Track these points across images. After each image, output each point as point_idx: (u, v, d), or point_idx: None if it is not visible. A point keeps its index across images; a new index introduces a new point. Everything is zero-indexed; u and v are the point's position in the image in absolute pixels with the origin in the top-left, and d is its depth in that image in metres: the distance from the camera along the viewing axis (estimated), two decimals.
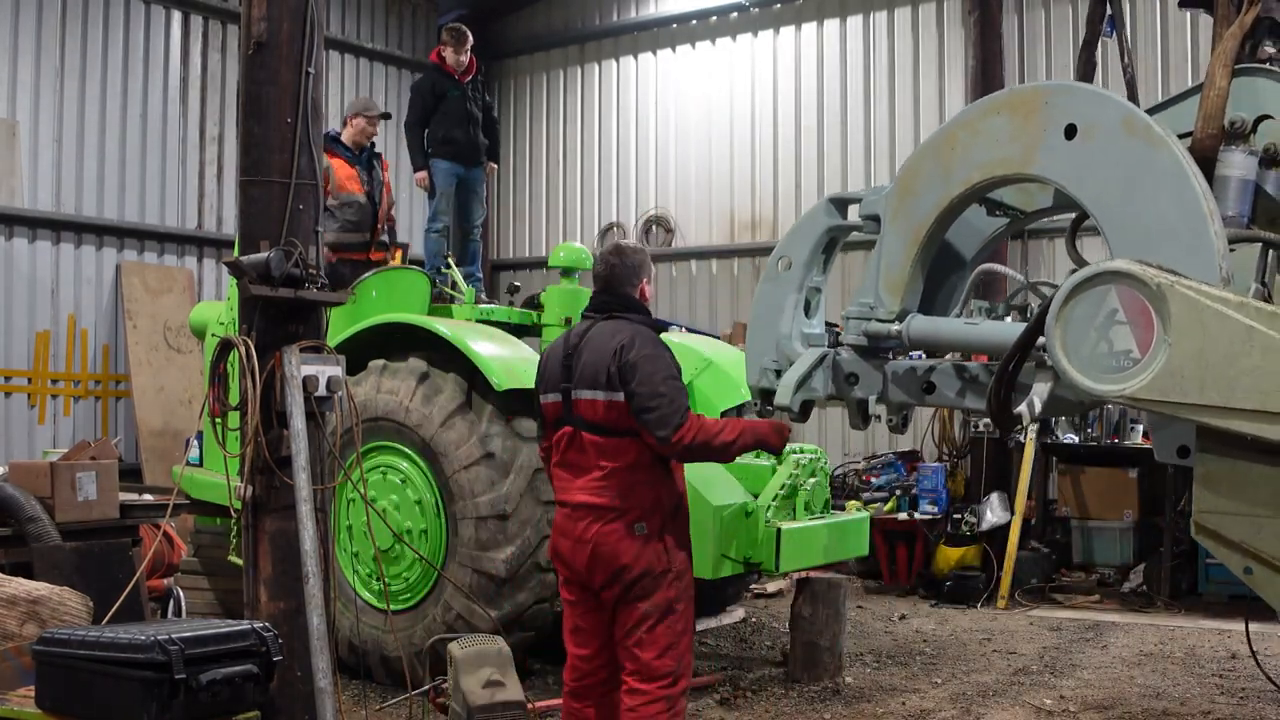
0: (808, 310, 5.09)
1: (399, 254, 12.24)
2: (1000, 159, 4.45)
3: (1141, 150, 4.09)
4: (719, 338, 9.83)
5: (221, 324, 7.48)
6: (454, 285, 8.23)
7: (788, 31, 13.40)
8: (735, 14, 13.76)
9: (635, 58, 14.52)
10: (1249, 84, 4.35)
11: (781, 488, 6.48)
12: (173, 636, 3.87)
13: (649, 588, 4.37)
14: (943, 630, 8.66)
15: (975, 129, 4.52)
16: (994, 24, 11.87)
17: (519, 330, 7.85)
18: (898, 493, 10.79)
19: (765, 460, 6.81)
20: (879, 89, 12.77)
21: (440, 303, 7.91)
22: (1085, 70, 5.11)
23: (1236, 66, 4.31)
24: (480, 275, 9.38)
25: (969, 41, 11.96)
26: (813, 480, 6.69)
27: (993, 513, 10.06)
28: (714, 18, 13.93)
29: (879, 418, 4.93)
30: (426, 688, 5.56)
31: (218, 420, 4.83)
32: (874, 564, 10.45)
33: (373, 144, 8.48)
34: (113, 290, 12.00)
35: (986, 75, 11.68)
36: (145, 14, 12.32)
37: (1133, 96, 5.05)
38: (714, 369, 7.41)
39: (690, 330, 9.68)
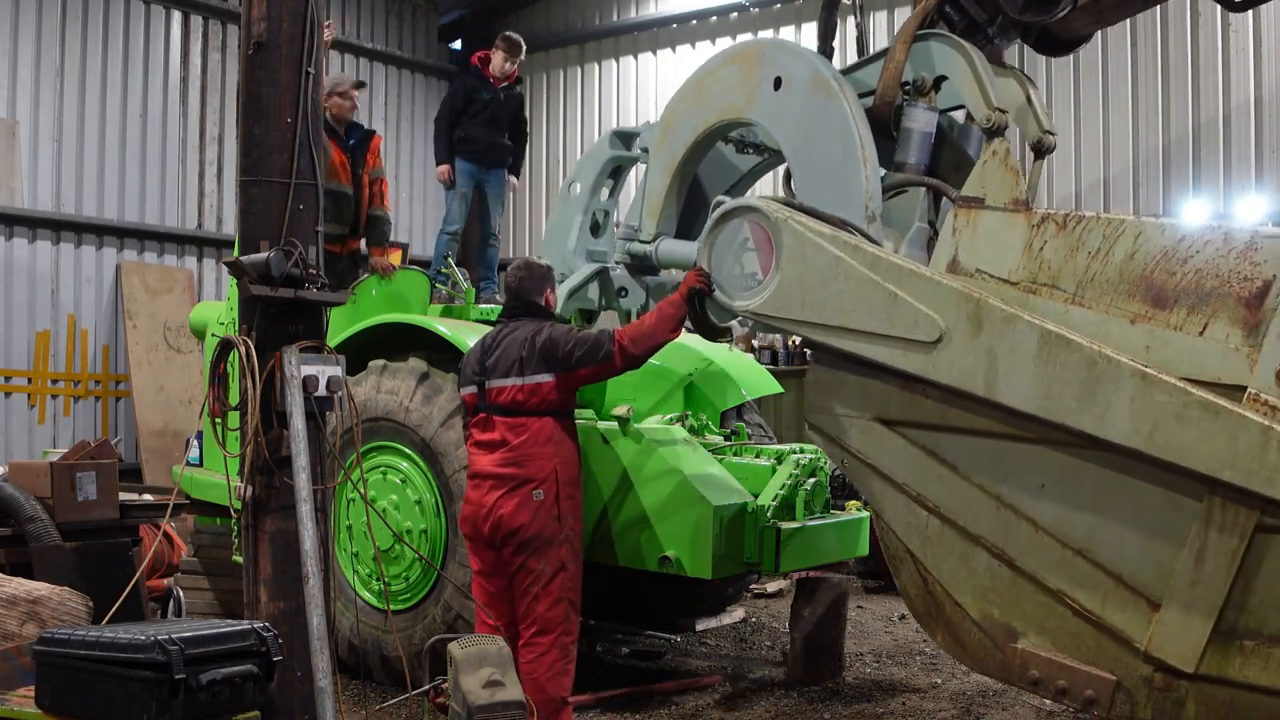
0: (597, 231, 5.85)
1: (398, 254, 12.19)
2: (730, 104, 5.07)
3: (821, 103, 4.66)
4: None
5: (221, 324, 7.48)
6: (454, 285, 8.23)
7: (787, 32, 13.39)
8: (735, 14, 13.76)
9: (635, 58, 14.51)
10: (925, 48, 4.82)
11: (781, 488, 6.47)
12: (173, 636, 3.87)
13: (543, 548, 5.00)
14: None
15: (716, 76, 5.13)
16: None
17: None
18: None
19: (765, 460, 6.81)
20: None
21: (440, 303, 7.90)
22: (825, 30, 5.56)
23: (919, 32, 4.79)
24: (496, 281, 9.34)
25: None
26: (812, 480, 6.68)
27: None
28: (714, 18, 13.93)
29: None
30: (426, 688, 5.55)
31: (218, 420, 4.83)
32: (874, 564, 10.42)
33: (368, 126, 8.50)
34: (113, 290, 12.01)
35: None
36: (145, 14, 12.33)
37: (862, 52, 5.59)
38: (712, 368, 7.40)
39: (690, 330, 9.66)
